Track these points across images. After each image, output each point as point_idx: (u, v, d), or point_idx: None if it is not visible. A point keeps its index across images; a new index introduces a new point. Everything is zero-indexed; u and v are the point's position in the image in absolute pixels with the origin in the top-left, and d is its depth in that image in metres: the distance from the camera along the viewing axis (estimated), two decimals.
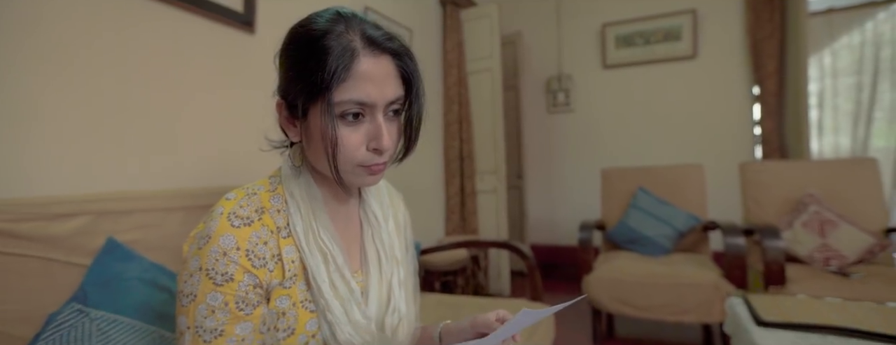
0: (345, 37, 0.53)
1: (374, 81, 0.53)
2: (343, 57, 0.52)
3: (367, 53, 0.53)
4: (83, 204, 0.86)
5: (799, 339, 1.00)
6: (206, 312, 0.53)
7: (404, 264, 0.72)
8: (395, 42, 0.56)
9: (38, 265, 0.78)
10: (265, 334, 0.57)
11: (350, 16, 0.55)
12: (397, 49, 0.56)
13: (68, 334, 0.74)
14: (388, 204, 0.74)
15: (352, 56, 0.52)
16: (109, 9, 1.06)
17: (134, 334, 0.80)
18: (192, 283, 0.53)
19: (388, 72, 0.55)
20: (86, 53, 1.01)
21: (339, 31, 0.53)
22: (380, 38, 0.54)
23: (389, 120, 0.57)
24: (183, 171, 1.23)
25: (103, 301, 0.79)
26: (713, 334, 2.15)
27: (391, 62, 0.56)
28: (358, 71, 0.52)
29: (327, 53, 0.52)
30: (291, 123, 0.59)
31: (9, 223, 0.74)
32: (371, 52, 0.54)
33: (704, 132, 2.99)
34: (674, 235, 2.31)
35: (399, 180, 2.40)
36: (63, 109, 0.97)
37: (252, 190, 0.60)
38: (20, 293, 0.75)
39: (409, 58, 0.57)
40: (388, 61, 0.55)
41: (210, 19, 1.31)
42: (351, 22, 0.54)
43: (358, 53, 0.52)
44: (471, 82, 2.80)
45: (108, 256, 0.84)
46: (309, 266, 0.58)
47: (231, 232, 0.54)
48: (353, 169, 0.57)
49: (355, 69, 0.52)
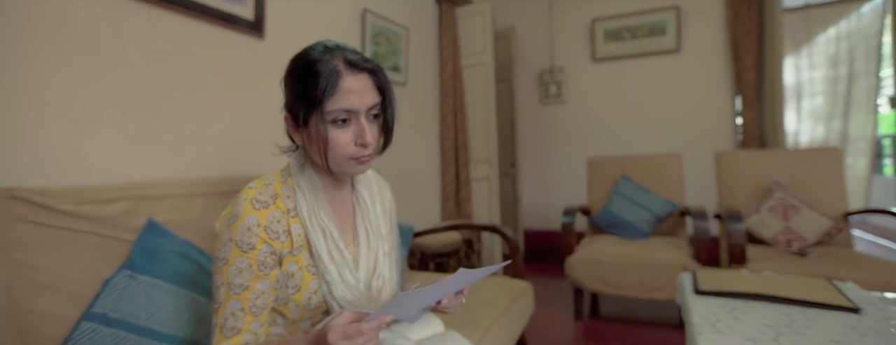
0: (331, 63, 0.70)
1: (355, 93, 0.71)
2: (331, 77, 0.69)
3: (348, 73, 0.70)
4: (126, 190, 1.05)
5: (725, 303, 1.18)
6: (236, 272, 0.71)
7: (388, 239, 0.89)
8: (370, 63, 0.73)
9: (94, 240, 0.96)
10: (279, 289, 0.75)
11: (334, 47, 0.73)
12: (372, 68, 0.73)
13: (121, 294, 0.93)
14: (376, 192, 0.91)
15: (337, 76, 0.69)
16: (138, 23, 1.23)
17: (171, 296, 0.99)
18: (225, 250, 0.71)
19: (366, 85, 0.72)
20: (121, 63, 1.19)
21: (326, 59, 0.70)
22: (357, 61, 0.72)
23: (371, 121, 0.75)
24: (203, 161, 1.41)
25: (147, 269, 0.98)
26: None
27: (368, 78, 0.73)
28: (343, 87, 0.70)
29: (319, 76, 0.69)
30: (296, 130, 0.76)
31: (72, 206, 0.93)
32: (352, 72, 0.71)
33: (688, 123, 3.14)
34: (652, 219, 2.48)
35: (398, 169, 2.60)
36: (105, 111, 1.15)
37: (268, 181, 0.78)
38: (81, 262, 0.94)
39: (381, 74, 0.75)
40: (366, 77, 0.73)
41: (225, 28, 1.48)
42: (335, 51, 0.72)
43: (342, 74, 0.70)
44: (465, 76, 2.96)
45: (149, 233, 1.03)
46: (311, 239, 0.76)
47: (253, 213, 0.72)
48: (346, 161, 0.74)
49: (341, 85, 0.70)
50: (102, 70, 1.15)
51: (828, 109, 2.98)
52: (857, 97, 2.86)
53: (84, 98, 1.11)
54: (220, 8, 1.45)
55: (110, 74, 1.17)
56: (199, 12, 1.38)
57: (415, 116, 2.72)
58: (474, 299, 1.57)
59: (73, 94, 1.09)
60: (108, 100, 1.16)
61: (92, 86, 1.13)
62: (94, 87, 1.13)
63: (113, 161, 1.16)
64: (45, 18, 1.04)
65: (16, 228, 0.86)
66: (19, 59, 0.99)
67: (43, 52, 1.03)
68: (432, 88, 2.90)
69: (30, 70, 1.01)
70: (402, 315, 0.67)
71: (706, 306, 1.18)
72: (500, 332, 1.45)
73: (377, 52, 2.31)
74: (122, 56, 1.20)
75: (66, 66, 1.08)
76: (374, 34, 2.27)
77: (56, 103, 1.05)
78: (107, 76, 1.16)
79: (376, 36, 2.29)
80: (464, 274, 0.64)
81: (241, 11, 1.54)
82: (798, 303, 1.14)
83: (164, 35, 1.30)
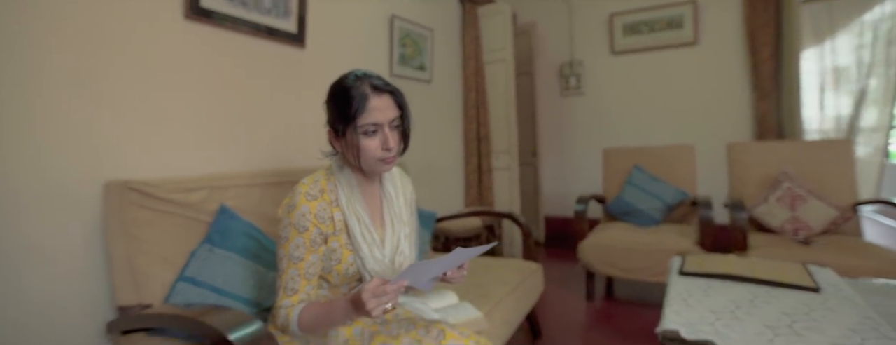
0: (361, 88, 0.92)
1: (380, 110, 0.92)
2: (361, 100, 0.91)
3: (374, 95, 0.92)
4: (203, 181, 1.32)
5: (703, 283, 1.35)
6: (294, 247, 0.95)
7: (408, 224, 1.12)
8: (390, 86, 0.95)
9: (183, 220, 1.24)
10: (324, 261, 0.99)
11: (362, 75, 0.94)
12: (392, 90, 0.95)
13: (204, 263, 1.21)
14: (399, 186, 1.13)
15: (366, 98, 0.91)
16: (207, 44, 1.49)
17: (240, 266, 1.26)
18: (286, 231, 0.95)
19: (388, 104, 0.94)
20: (194, 78, 1.45)
21: (357, 86, 0.92)
22: (380, 85, 0.93)
23: (393, 130, 0.96)
24: (257, 157, 1.68)
25: (222, 244, 1.25)
26: None
27: (389, 97, 0.94)
28: (370, 106, 0.92)
29: (352, 99, 0.91)
30: (336, 140, 0.99)
31: (167, 194, 1.20)
32: (377, 94, 0.92)
33: (704, 114, 3.21)
34: (663, 208, 2.62)
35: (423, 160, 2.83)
36: (184, 118, 1.42)
37: (316, 178, 1.01)
38: (175, 237, 1.22)
39: (399, 94, 0.97)
40: (387, 97, 0.94)
41: (273, 41, 1.73)
42: (363, 79, 0.93)
43: (369, 96, 0.92)
44: (487, 72, 3.13)
45: (222, 216, 1.30)
46: (349, 224, 0.99)
47: (306, 204, 0.96)
48: (375, 162, 0.97)
49: (368, 105, 0.91)
50: (181, 85, 1.42)
51: (851, 98, 2.99)
52: (880, 87, 2.86)
53: (168, 109, 1.38)
54: (270, 25, 1.70)
55: (186, 88, 1.44)
56: (253, 29, 1.63)
57: (439, 111, 2.93)
58: (488, 278, 1.78)
59: (160, 105, 1.36)
60: (185, 108, 1.43)
61: (173, 98, 1.40)
62: (176, 99, 1.40)
63: (191, 158, 1.44)
64: (138, 44, 1.30)
65: (131, 210, 1.14)
66: (121, 79, 1.27)
67: (138, 72, 1.30)
68: (456, 84, 3.10)
69: (131, 89, 1.28)
70: (416, 282, 0.89)
71: (685, 285, 1.36)
72: (508, 306, 1.66)
73: (404, 53, 2.52)
74: (194, 71, 1.46)
75: (154, 83, 1.35)
76: (401, 37, 2.48)
77: (150, 114, 1.33)
78: (184, 89, 1.43)
79: (403, 38, 2.50)
80: (460, 252, 0.85)
81: (286, 26, 1.78)
82: (766, 283, 1.30)
83: (226, 51, 1.56)
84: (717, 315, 1.12)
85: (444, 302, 1.48)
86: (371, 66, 2.30)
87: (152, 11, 1.34)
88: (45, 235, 1.10)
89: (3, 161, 1.04)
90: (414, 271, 0.82)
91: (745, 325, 1.05)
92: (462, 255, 0.86)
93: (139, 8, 1.31)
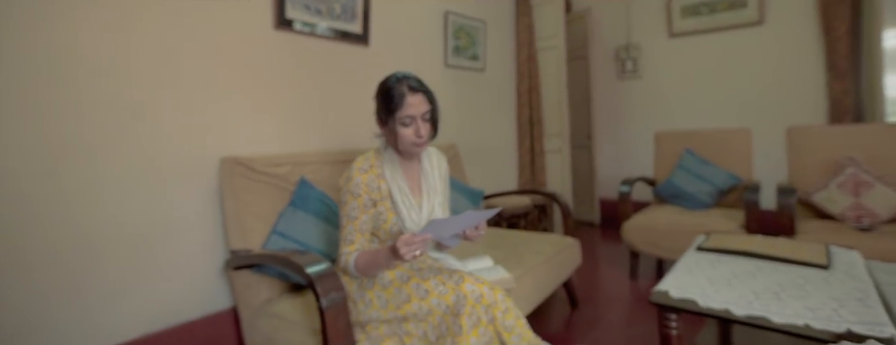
0: (400, 88, 1.17)
1: (414, 106, 1.18)
2: (400, 97, 1.17)
3: (410, 94, 1.18)
4: (288, 158, 1.68)
5: (714, 258, 1.47)
6: (351, 208, 1.25)
7: (442, 193, 1.38)
8: (423, 87, 1.20)
9: (274, 188, 1.61)
10: (374, 221, 1.28)
11: (402, 77, 1.20)
12: (425, 90, 1.20)
13: (289, 221, 1.56)
14: (435, 163, 1.39)
15: (403, 96, 1.17)
16: (288, 47, 1.84)
17: (315, 225, 1.61)
18: (345, 197, 1.26)
19: (421, 100, 1.19)
20: (278, 74, 1.81)
21: (397, 86, 1.18)
22: (416, 86, 1.18)
23: (425, 122, 1.22)
24: (327, 138, 2.02)
25: (302, 207, 1.60)
26: None
27: (423, 96, 1.19)
28: (407, 102, 1.17)
29: (393, 97, 1.17)
30: (381, 127, 1.27)
31: (262, 167, 1.57)
32: (412, 93, 1.18)
33: (769, 97, 3.07)
34: (714, 192, 2.63)
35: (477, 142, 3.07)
36: (273, 107, 1.79)
37: (367, 156, 1.30)
38: (269, 201, 1.59)
39: (430, 93, 1.21)
40: (421, 96, 1.19)
41: (343, 42, 2.05)
42: (402, 80, 1.19)
43: (406, 94, 1.17)
44: (539, 58, 3.25)
45: (302, 186, 1.65)
46: (392, 192, 1.27)
47: (359, 176, 1.25)
48: (410, 146, 1.23)
49: (405, 102, 1.17)
50: (271, 82, 1.78)
51: None
52: None
53: (262, 101, 1.75)
54: (339, 28, 2.02)
55: (275, 84, 1.80)
56: (325, 33, 1.96)
57: (492, 97, 3.13)
58: (525, 248, 2.00)
59: (256, 99, 1.73)
60: (275, 101, 1.80)
61: (266, 93, 1.77)
62: (267, 93, 1.77)
63: (279, 140, 1.81)
64: (241, 52, 1.68)
65: (238, 179, 1.52)
66: (228, 80, 1.65)
67: (241, 74, 1.68)
68: (509, 71, 3.27)
69: (236, 87, 1.66)
70: (438, 236, 1.14)
71: (696, 258, 1.48)
72: (540, 273, 1.87)
73: (458, 45, 2.75)
74: (281, 71, 1.82)
75: (252, 81, 1.72)
76: (455, 30, 2.70)
77: (249, 106, 1.71)
78: (273, 86, 1.79)
79: (457, 31, 2.72)
80: (470, 213, 1.09)
81: (353, 28, 2.09)
82: (776, 259, 1.39)
83: (304, 53, 1.90)
84: (711, 282, 1.26)
85: (481, 265, 1.73)
86: (426, 58, 2.57)
87: (250, 26, 1.71)
88: (182, 198, 1.52)
89: (155, 144, 1.46)
90: (434, 226, 1.08)
91: (733, 290, 1.19)
92: (473, 216, 1.11)
93: (241, 24, 1.68)
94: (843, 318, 0.99)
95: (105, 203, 1.35)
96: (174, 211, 1.50)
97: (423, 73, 2.44)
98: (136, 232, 1.41)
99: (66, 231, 1.28)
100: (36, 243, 1.23)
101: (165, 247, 1.48)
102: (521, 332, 1.18)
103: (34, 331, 1.22)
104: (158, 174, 1.46)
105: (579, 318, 2.12)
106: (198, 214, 1.56)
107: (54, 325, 1.26)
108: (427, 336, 1.17)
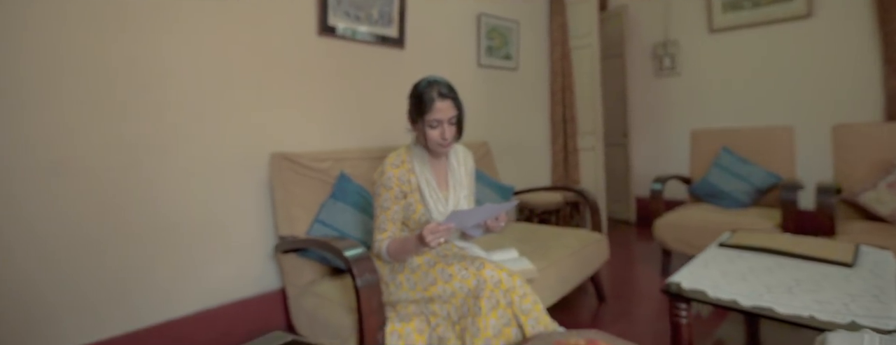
0: (430, 93, 1.29)
1: (442, 111, 1.30)
2: (429, 102, 1.29)
3: (439, 99, 1.29)
4: (330, 154, 1.84)
5: (735, 254, 1.49)
6: (383, 199, 1.38)
7: (467, 187, 1.49)
8: (452, 93, 1.31)
9: (317, 181, 1.77)
10: (405, 211, 1.41)
11: (433, 82, 1.31)
12: (453, 96, 1.31)
13: (330, 211, 1.72)
14: (461, 160, 1.50)
15: (432, 101, 1.29)
16: (330, 51, 2.01)
17: (353, 215, 1.76)
18: (378, 189, 1.39)
19: (448, 105, 1.30)
20: (322, 76, 1.98)
21: (427, 91, 1.30)
22: (445, 92, 1.30)
23: (451, 125, 1.33)
24: (365, 137, 2.18)
25: (342, 198, 1.76)
26: None
27: (451, 101, 1.31)
28: (435, 107, 1.29)
29: (424, 101, 1.29)
30: (412, 125, 1.39)
31: (307, 162, 1.74)
32: (441, 98, 1.29)
33: (817, 93, 2.95)
34: (751, 191, 2.58)
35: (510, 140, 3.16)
36: (318, 108, 1.96)
37: (399, 152, 1.43)
38: (312, 192, 1.76)
39: (457, 99, 1.32)
40: (449, 101, 1.30)
41: (380, 46, 2.20)
42: (432, 85, 1.30)
43: (435, 100, 1.29)
44: (573, 57, 3.28)
45: (342, 179, 1.81)
46: (420, 186, 1.40)
47: (391, 170, 1.38)
48: (436, 146, 1.35)
49: (434, 106, 1.29)
50: (314, 84, 1.96)
51: None
52: None
53: (307, 102, 1.93)
54: (377, 32, 2.16)
55: (318, 86, 1.97)
56: (364, 38, 2.12)
57: (525, 95, 3.19)
58: (553, 242, 2.07)
59: (301, 100, 1.91)
60: (318, 102, 1.97)
61: (309, 95, 1.94)
62: (311, 95, 1.95)
63: (321, 137, 1.98)
64: (288, 58, 1.86)
65: (286, 174, 1.69)
66: (277, 83, 1.83)
67: (288, 77, 1.86)
68: (542, 70, 3.31)
69: (283, 89, 1.84)
70: (461, 226, 1.25)
71: (715, 254, 1.51)
72: (565, 265, 1.93)
73: (491, 45, 2.83)
74: (323, 74, 1.99)
75: (297, 84, 1.90)
76: (488, 31, 2.79)
77: (295, 106, 1.89)
78: (316, 88, 1.97)
79: (490, 32, 2.81)
80: (489, 206, 1.20)
81: (390, 32, 2.23)
82: (798, 257, 1.40)
83: (345, 57, 2.06)
84: (725, 276, 1.29)
85: (506, 256, 1.83)
86: (459, 59, 2.68)
87: (296, 33, 1.88)
88: (238, 189, 1.71)
89: (215, 142, 1.65)
90: (456, 216, 1.19)
91: (747, 284, 1.22)
92: (493, 208, 1.21)
93: (288, 32, 1.85)
94: (851, 311, 1.02)
95: (173, 193, 1.56)
96: (231, 201, 1.69)
97: (455, 73, 2.59)
98: (200, 220, 1.62)
99: (145, 217, 1.49)
100: (120, 226, 1.45)
101: (224, 233, 1.68)
102: (537, 316, 1.28)
103: (121, 299, 1.45)
104: (218, 168, 1.66)
105: (606, 311, 2.17)
106: (251, 203, 1.75)
107: (141, 291, 1.48)
108: (450, 316, 1.29)
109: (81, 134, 1.37)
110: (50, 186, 1.32)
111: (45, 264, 1.32)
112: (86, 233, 1.38)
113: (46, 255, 1.32)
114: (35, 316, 1.30)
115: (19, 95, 1.27)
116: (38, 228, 1.30)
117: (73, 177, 1.36)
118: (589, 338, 1.12)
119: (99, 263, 1.41)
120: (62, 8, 1.33)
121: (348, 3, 2.03)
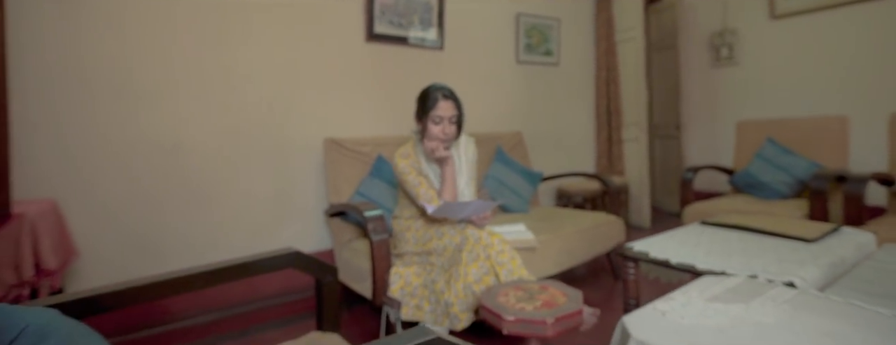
0: (436, 94, 1.64)
1: (445, 109, 1.64)
2: (434, 101, 1.63)
3: (443, 100, 1.63)
4: (369, 139, 2.27)
5: (709, 230, 1.61)
6: (411, 179, 1.72)
7: (467, 174, 1.80)
8: (454, 96, 1.65)
9: (359, 162, 2.21)
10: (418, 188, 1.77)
11: (439, 87, 1.66)
12: (455, 98, 1.65)
13: (368, 185, 2.14)
14: (462, 149, 1.82)
15: (437, 101, 1.63)
16: (377, 55, 2.43)
17: (386, 189, 2.16)
18: (403, 176, 1.75)
19: (451, 105, 1.64)
20: (368, 76, 2.42)
21: (433, 93, 1.65)
22: (448, 95, 1.64)
23: (451, 124, 1.66)
24: (402, 125, 2.57)
25: (378, 176, 2.17)
26: None
27: (452, 102, 1.64)
28: (439, 106, 1.63)
29: (429, 100, 1.65)
30: (418, 122, 1.75)
31: (351, 146, 2.18)
32: (444, 99, 1.64)
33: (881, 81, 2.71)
34: (792, 182, 2.51)
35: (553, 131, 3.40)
36: (363, 103, 2.41)
37: (407, 146, 1.79)
38: (355, 170, 2.20)
39: (458, 100, 1.66)
40: (451, 102, 1.64)
41: (422, 48, 2.58)
42: (438, 89, 1.65)
43: (439, 100, 1.63)
44: (618, 50, 3.36)
45: (379, 161, 2.22)
46: (425, 173, 1.75)
47: (403, 161, 1.74)
48: (435, 139, 1.69)
49: (438, 105, 1.63)
50: (362, 84, 2.40)
51: None
52: None
53: (354, 99, 2.38)
54: (419, 36, 2.55)
55: (365, 86, 2.41)
56: (407, 42, 2.51)
57: (567, 88, 3.36)
58: (567, 221, 2.28)
59: (350, 97, 2.36)
60: (363, 98, 2.41)
61: (357, 93, 2.39)
62: (358, 93, 2.39)
63: (365, 126, 2.42)
64: (341, 62, 2.31)
65: (335, 155, 2.15)
66: (332, 83, 2.30)
67: (341, 78, 2.32)
68: (587, 63, 3.45)
69: (336, 88, 2.31)
70: (451, 217, 1.59)
71: (689, 230, 1.65)
72: (572, 239, 2.13)
73: (530, 43, 3.07)
74: (370, 75, 2.42)
75: (348, 84, 2.35)
76: (527, 30, 3.03)
77: (345, 101, 2.35)
78: (363, 87, 2.40)
79: (529, 31, 3.04)
80: (478, 202, 1.51)
81: (430, 36, 2.60)
82: (764, 233, 1.50)
83: (389, 60, 2.48)
84: (681, 245, 1.45)
85: (512, 228, 2.11)
86: (497, 57, 2.96)
87: (347, 40, 2.33)
88: (300, 167, 2.21)
89: (282, 130, 2.16)
90: (445, 209, 1.53)
91: (696, 250, 1.38)
92: (479, 206, 1.53)
93: (340, 40, 2.31)
94: (765, 270, 1.16)
95: (253, 169, 2.09)
96: (295, 176, 2.20)
97: (493, 70, 2.90)
98: (273, 189, 2.14)
99: (232, 187, 2.04)
100: (214, 193, 2.01)
101: (291, 200, 2.19)
102: (512, 268, 1.56)
103: (212, 247, 2.01)
104: (284, 151, 2.17)
105: (619, 288, 2.33)
106: (311, 177, 2.24)
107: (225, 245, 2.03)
108: (443, 266, 1.63)
109: (193, 123, 1.94)
110: (168, 162, 1.90)
111: (161, 218, 1.90)
112: (193, 196, 1.95)
113: (162, 212, 1.90)
114: (153, 252, 1.90)
115: (135, 94, 1.82)
116: (153, 194, 1.88)
117: (187, 155, 1.93)
118: (543, 284, 1.39)
119: (201, 218, 1.98)
120: (173, 27, 1.90)
121: (392, 12, 2.44)
